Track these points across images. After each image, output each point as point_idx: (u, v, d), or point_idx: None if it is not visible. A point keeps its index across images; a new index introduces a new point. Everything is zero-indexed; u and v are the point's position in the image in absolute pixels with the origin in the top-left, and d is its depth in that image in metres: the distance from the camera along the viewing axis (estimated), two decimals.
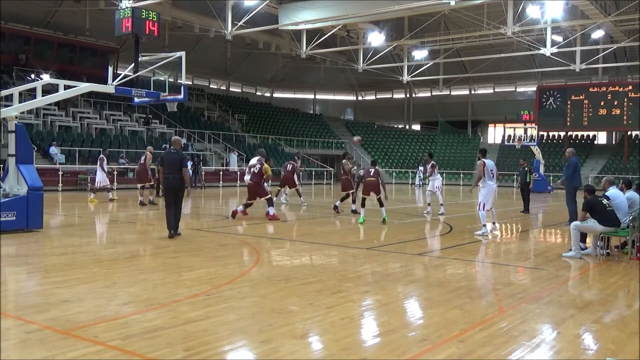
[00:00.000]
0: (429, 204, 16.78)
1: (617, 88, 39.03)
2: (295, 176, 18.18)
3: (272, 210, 13.98)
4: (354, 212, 15.37)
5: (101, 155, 19.03)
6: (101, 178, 18.74)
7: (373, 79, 45.98)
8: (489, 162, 12.08)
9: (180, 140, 11.26)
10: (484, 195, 11.95)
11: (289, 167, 18.17)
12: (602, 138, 44.53)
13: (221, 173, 31.26)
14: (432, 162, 16.78)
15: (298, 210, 16.79)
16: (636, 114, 37.15)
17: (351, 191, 15.92)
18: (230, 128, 39.70)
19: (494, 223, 12.45)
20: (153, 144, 30.63)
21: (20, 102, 11.90)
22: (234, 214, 13.95)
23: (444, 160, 41.82)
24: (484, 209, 11.85)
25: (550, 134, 43.65)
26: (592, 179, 34.20)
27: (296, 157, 19.27)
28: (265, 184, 15.44)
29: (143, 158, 18.10)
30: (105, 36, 32.00)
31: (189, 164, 29.27)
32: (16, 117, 11.21)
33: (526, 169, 18.39)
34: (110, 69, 13.04)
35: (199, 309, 5.56)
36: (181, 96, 13.63)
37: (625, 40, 34.08)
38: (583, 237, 9.33)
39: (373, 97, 55.45)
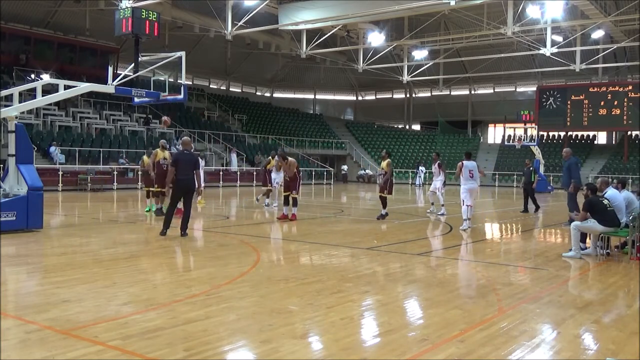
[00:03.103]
0: (432, 204, 17.05)
1: (617, 88, 39.01)
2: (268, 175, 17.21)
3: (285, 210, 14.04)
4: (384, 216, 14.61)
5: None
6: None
7: (373, 79, 45.97)
8: (468, 164, 12.90)
9: (191, 141, 11.34)
10: (461, 192, 12.96)
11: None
12: (602, 138, 44.52)
13: (221, 173, 31.25)
14: (439, 161, 16.80)
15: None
16: (636, 114, 37.14)
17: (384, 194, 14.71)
18: (230, 128, 39.70)
19: (467, 219, 12.72)
20: (153, 144, 30.75)
21: (20, 102, 11.89)
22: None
23: (443, 160, 41.68)
24: (463, 204, 12.79)
25: (550, 134, 43.65)
26: (592, 179, 34.20)
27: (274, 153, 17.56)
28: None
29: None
30: (105, 36, 32.01)
31: None
32: (16, 117, 11.20)
33: (531, 169, 18.46)
34: (110, 69, 13.03)
35: (199, 309, 5.56)
36: (181, 96, 13.62)
37: (625, 40, 34.08)
38: (583, 237, 9.33)
39: (373, 97, 55.44)
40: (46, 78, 25.03)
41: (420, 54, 39.17)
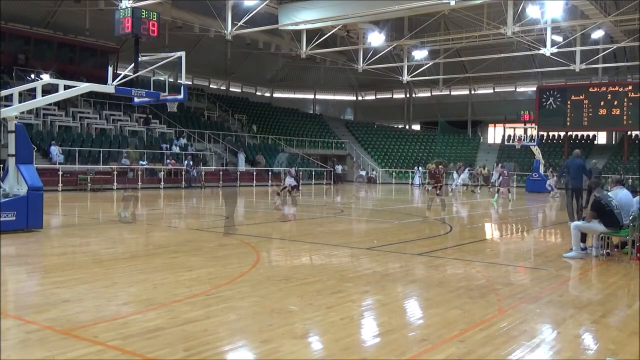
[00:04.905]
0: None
1: (617, 88, 38.97)
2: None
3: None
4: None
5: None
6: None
7: (373, 79, 45.93)
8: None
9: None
10: None
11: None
12: (602, 138, 44.48)
13: (221, 173, 31.23)
14: (460, 163, 19.40)
15: (299, 210, 16.77)
16: (636, 114, 37.10)
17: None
18: (230, 128, 39.68)
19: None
20: (153, 144, 30.78)
21: (20, 102, 11.88)
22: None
23: (443, 160, 41.74)
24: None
25: (550, 134, 43.62)
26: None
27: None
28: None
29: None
30: (105, 36, 31.98)
31: (190, 163, 29.43)
32: (16, 117, 11.20)
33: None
34: (110, 69, 13.02)
35: (199, 309, 5.56)
36: (181, 96, 13.63)
37: (625, 40, 34.05)
38: (583, 237, 9.33)
39: (373, 97, 55.39)
40: (46, 78, 24.99)
41: (420, 54, 39.13)
